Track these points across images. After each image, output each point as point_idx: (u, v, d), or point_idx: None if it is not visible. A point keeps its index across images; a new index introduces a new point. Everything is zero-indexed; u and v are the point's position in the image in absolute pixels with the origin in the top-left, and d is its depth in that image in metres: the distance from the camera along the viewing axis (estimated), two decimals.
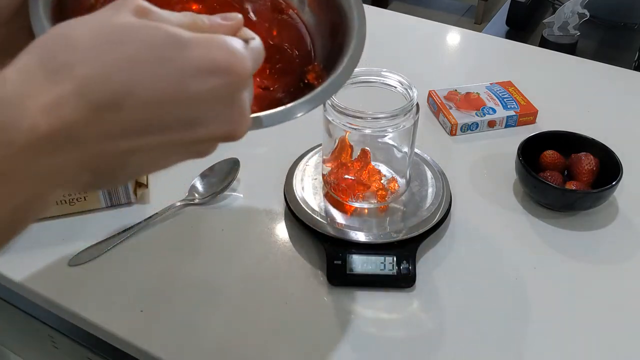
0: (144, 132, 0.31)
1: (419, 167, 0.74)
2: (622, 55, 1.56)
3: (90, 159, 0.30)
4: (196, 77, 0.30)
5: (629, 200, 0.74)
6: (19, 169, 0.28)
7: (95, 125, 0.29)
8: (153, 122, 0.30)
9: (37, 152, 0.28)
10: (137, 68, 0.29)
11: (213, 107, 0.32)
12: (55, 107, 0.28)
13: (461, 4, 3.34)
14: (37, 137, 0.28)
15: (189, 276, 0.64)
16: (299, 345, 0.58)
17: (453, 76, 0.99)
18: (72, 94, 0.28)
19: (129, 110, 0.29)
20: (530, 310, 0.61)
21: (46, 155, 0.28)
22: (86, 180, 0.32)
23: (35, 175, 0.29)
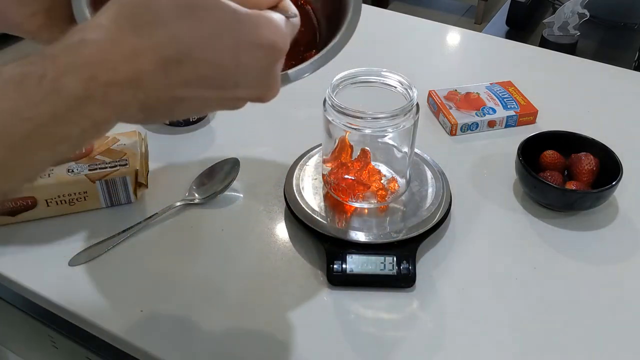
0: (196, 86, 0.37)
1: (419, 167, 0.74)
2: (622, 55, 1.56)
3: (149, 101, 0.37)
4: (246, 50, 0.38)
5: (629, 200, 0.74)
6: (98, 98, 0.34)
7: (160, 75, 0.36)
8: (205, 80, 0.37)
9: (113, 88, 0.34)
10: (202, 36, 0.36)
11: (254, 74, 0.39)
12: (133, 57, 0.35)
13: (461, 4, 3.34)
14: (115, 78, 0.34)
15: (189, 276, 0.64)
16: (299, 345, 0.58)
17: (453, 76, 0.99)
18: (148, 49, 0.35)
19: (188, 67, 0.36)
20: (530, 310, 0.61)
21: (118, 92, 0.35)
22: (139, 117, 0.38)
23: (107, 105, 0.35)
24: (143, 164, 0.73)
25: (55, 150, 0.35)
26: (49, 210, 0.69)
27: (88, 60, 0.34)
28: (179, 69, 0.36)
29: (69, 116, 0.34)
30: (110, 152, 0.72)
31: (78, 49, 0.34)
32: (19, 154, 0.33)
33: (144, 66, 0.35)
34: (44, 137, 0.34)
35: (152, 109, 0.38)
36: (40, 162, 0.35)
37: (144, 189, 0.72)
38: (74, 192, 0.68)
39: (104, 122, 0.36)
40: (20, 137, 0.33)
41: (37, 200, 0.68)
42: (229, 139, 0.83)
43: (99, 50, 0.34)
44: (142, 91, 0.36)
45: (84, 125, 0.35)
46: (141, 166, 0.71)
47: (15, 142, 0.33)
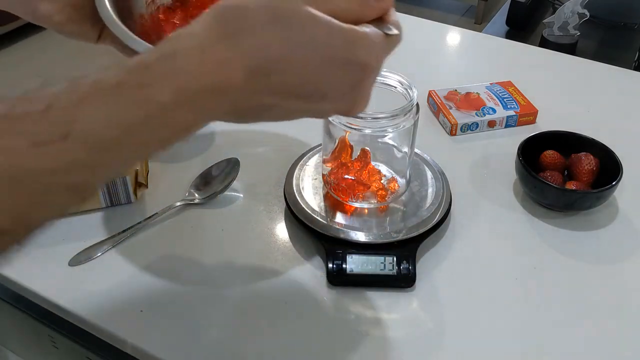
0: (283, 96, 0.38)
1: (419, 167, 0.74)
2: (622, 55, 1.56)
3: (237, 107, 0.38)
4: (336, 66, 0.38)
5: (629, 200, 0.74)
6: (187, 105, 0.35)
7: (248, 84, 0.36)
8: (292, 91, 0.38)
9: (202, 95, 0.35)
10: (292, 49, 0.36)
11: (343, 90, 0.39)
12: (222, 65, 0.36)
13: (461, 4, 3.34)
14: (204, 86, 0.35)
15: (189, 276, 0.64)
16: (299, 345, 0.58)
17: (453, 76, 0.99)
18: (237, 58, 0.36)
19: (276, 78, 0.37)
20: (530, 310, 0.61)
21: (207, 99, 0.36)
22: (229, 120, 0.39)
23: (196, 111, 0.36)
24: (143, 164, 0.73)
25: (143, 151, 0.37)
26: None
27: (179, 70, 0.35)
28: (267, 79, 0.37)
29: (159, 122, 0.35)
30: None
31: (170, 58, 0.35)
32: (108, 155, 0.35)
33: (232, 74, 0.36)
34: (133, 141, 0.35)
35: (239, 114, 0.39)
36: (127, 159, 0.37)
37: (144, 189, 0.72)
38: None
39: (192, 126, 0.38)
40: (110, 141, 0.34)
41: None
42: (229, 139, 0.83)
43: (189, 59, 0.35)
44: (230, 98, 0.37)
45: (173, 129, 0.36)
46: (141, 166, 0.71)
47: (105, 146, 0.34)
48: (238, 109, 0.38)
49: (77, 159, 0.33)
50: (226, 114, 0.38)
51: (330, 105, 0.40)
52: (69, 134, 0.33)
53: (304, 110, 0.40)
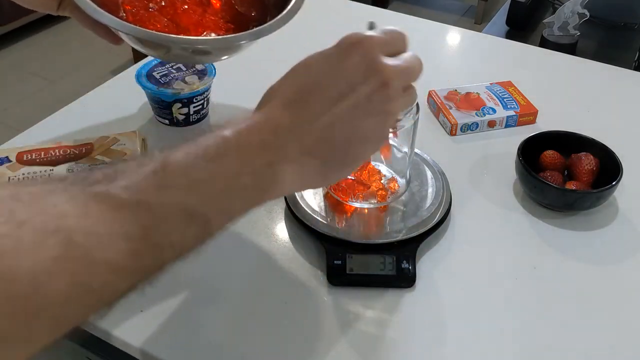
0: (327, 103, 0.43)
1: (419, 167, 0.74)
2: (622, 55, 1.56)
3: (302, 141, 0.42)
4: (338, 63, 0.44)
5: (629, 200, 0.74)
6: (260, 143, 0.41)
7: (289, 114, 0.42)
8: (324, 98, 0.43)
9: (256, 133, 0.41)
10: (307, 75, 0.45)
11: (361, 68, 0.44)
12: (267, 110, 0.43)
13: (461, 4, 3.34)
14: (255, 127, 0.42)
15: (189, 276, 0.64)
16: (299, 345, 0.58)
17: (453, 76, 0.99)
18: (275, 101, 0.44)
19: (305, 98, 0.43)
20: (530, 310, 0.61)
21: (262, 135, 0.41)
22: (314, 163, 0.43)
23: (261, 149, 0.41)
24: None
25: (244, 198, 0.42)
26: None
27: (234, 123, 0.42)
28: (300, 104, 0.43)
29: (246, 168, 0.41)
30: (110, 152, 0.72)
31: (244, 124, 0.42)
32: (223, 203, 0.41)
33: (275, 111, 0.43)
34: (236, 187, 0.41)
35: (315, 150, 0.43)
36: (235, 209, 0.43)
37: None
38: None
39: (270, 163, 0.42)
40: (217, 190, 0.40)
41: None
42: None
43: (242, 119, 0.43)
44: (285, 131, 0.42)
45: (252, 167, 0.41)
46: None
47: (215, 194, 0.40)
48: (309, 145, 0.43)
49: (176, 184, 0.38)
50: (302, 154, 0.43)
51: (363, 89, 0.43)
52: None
53: (356, 107, 0.43)
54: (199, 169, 0.38)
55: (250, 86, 0.93)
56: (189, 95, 0.81)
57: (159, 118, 0.85)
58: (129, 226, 0.35)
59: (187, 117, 0.84)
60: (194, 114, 0.84)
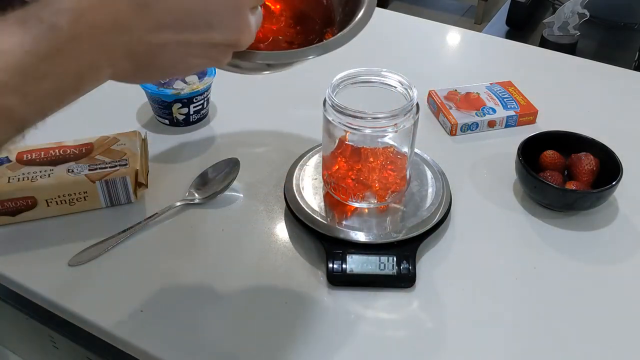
0: (171, 29, 0.41)
1: (419, 167, 0.74)
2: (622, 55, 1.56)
3: (133, 48, 0.40)
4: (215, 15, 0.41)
5: (629, 200, 0.74)
6: (86, 38, 0.38)
7: (136, 17, 0.39)
8: (178, 21, 0.41)
9: (97, 29, 0.38)
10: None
11: (224, 15, 0.42)
12: (110, 1, 0.39)
13: (461, 4, 3.34)
14: (97, 19, 0.38)
15: (189, 276, 0.64)
16: (299, 345, 0.58)
17: (453, 76, 0.99)
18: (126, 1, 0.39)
19: (158, 8, 0.40)
20: (530, 310, 0.61)
21: (102, 34, 0.38)
22: (129, 67, 0.41)
23: (96, 46, 0.38)
24: (143, 164, 0.73)
25: (59, 83, 0.39)
26: (49, 210, 0.69)
27: (72, 5, 0.38)
28: (151, 10, 0.40)
29: (65, 52, 0.37)
30: (110, 152, 0.72)
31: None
32: (30, 81, 0.37)
33: (120, 7, 0.39)
34: (49, 70, 0.37)
35: (137, 57, 0.41)
36: (50, 93, 0.39)
37: (144, 189, 0.72)
38: (74, 192, 0.68)
39: (97, 66, 0.40)
40: (30, 67, 0.36)
41: (37, 200, 0.68)
42: (229, 139, 0.83)
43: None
44: (124, 34, 0.39)
45: (80, 64, 0.39)
46: (141, 166, 0.71)
47: (25, 70, 0.36)
48: (134, 51, 0.40)
49: (6, 81, 0.36)
50: (125, 57, 0.40)
51: (219, 35, 0.43)
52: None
53: (196, 45, 0.42)
54: (30, 68, 0.36)
55: (249, 86, 0.93)
56: (189, 95, 0.81)
57: (159, 118, 0.85)
58: None
59: (187, 117, 0.84)
60: (194, 114, 0.84)
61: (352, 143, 0.67)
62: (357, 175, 0.67)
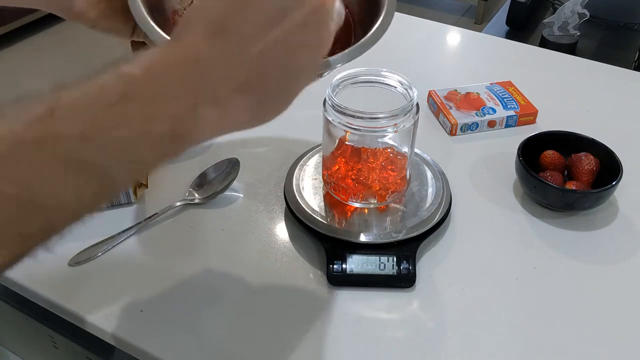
0: (255, 31, 0.37)
1: (419, 167, 0.74)
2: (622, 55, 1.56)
3: (230, 78, 0.37)
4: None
5: (629, 200, 0.74)
6: (163, 76, 0.35)
7: (215, 48, 0.36)
8: (256, 24, 0.37)
9: (175, 67, 0.35)
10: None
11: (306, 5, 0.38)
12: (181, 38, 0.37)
13: (461, 4, 3.33)
14: (173, 59, 0.36)
15: (189, 276, 0.64)
16: (299, 345, 0.58)
17: (453, 76, 0.99)
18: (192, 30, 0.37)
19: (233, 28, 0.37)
20: (531, 310, 0.61)
21: (184, 71, 0.35)
22: (247, 103, 0.38)
23: (180, 85, 0.35)
24: None
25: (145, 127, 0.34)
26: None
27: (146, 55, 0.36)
28: (229, 33, 0.37)
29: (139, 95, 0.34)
30: None
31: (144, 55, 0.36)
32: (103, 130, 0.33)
33: (195, 41, 0.36)
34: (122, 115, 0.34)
35: (246, 87, 0.37)
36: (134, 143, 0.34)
37: (144, 189, 0.72)
38: None
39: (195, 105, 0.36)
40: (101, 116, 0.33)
41: None
42: (229, 139, 0.83)
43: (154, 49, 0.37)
44: (211, 68, 0.36)
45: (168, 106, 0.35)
46: None
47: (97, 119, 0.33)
48: (239, 83, 0.37)
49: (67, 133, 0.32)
50: (232, 92, 0.37)
51: (300, 9, 0.38)
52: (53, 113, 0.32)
53: (292, 33, 0.38)
54: (97, 113, 0.33)
55: None
56: None
57: None
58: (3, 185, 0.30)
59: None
60: None
61: (352, 143, 0.67)
62: (357, 175, 0.67)
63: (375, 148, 0.68)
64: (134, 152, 0.34)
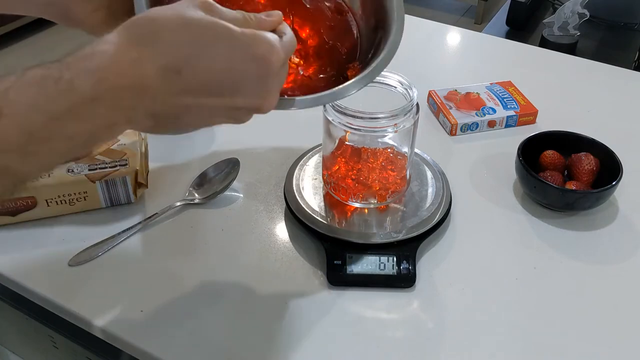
0: (197, 94, 0.41)
1: (419, 167, 0.74)
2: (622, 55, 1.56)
3: (156, 108, 0.40)
4: (240, 61, 0.41)
5: (629, 200, 0.74)
6: (107, 101, 0.38)
7: (162, 82, 0.39)
8: (204, 87, 0.41)
9: (120, 92, 0.38)
10: (198, 48, 0.40)
11: (249, 84, 0.43)
12: (137, 64, 0.39)
13: (461, 4, 3.34)
14: (121, 82, 0.38)
15: (189, 276, 0.64)
16: (299, 345, 0.58)
17: (453, 76, 0.99)
18: (150, 57, 0.39)
19: (187, 75, 0.40)
20: (531, 310, 0.61)
21: (125, 97, 0.38)
22: (149, 124, 0.42)
23: (116, 108, 0.39)
24: (143, 164, 0.73)
25: (69, 144, 0.38)
26: (49, 210, 0.69)
27: (98, 66, 0.38)
28: (180, 77, 0.40)
29: (81, 113, 0.37)
30: (110, 152, 0.72)
31: (90, 57, 0.38)
32: (36, 141, 0.37)
33: (147, 72, 0.39)
34: (59, 130, 0.37)
35: (159, 116, 0.41)
36: (56, 153, 0.38)
37: (144, 189, 0.72)
38: (74, 192, 0.68)
39: (114, 125, 0.40)
40: (38, 125, 0.36)
41: (37, 200, 0.68)
42: (229, 139, 0.83)
43: (107, 58, 0.38)
44: (148, 97, 0.39)
45: (95, 124, 0.38)
46: (141, 166, 0.71)
47: (33, 130, 0.36)
48: (156, 112, 0.41)
49: (7, 140, 0.36)
50: (146, 117, 0.41)
51: (242, 101, 0.43)
52: (1, 115, 0.35)
53: (220, 110, 0.43)
54: (38, 128, 0.36)
55: None
56: None
57: None
58: None
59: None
60: None
61: (352, 143, 0.67)
62: (357, 175, 0.67)
63: (375, 148, 0.68)
64: (50, 159, 0.39)
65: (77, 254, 0.65)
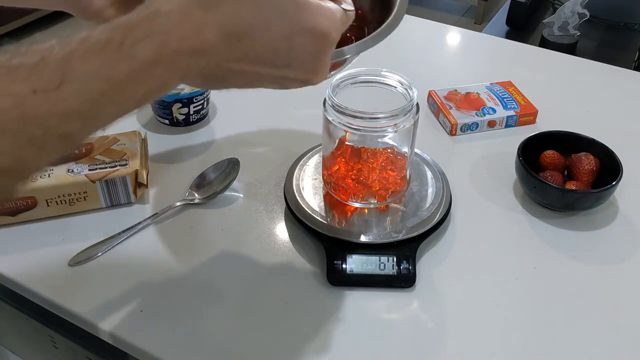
0: (251, 62, 0.41)
1: (419, 167, 0.74)
2: (622, 55, 1.56)
3: (209, 69, 0.41)
4: (299, 34, 0.41)
5: (629, 200, 0.74)
6: (166, 63, 0.38)
7: (222, 48, 0.39)
8: (260, 57, 0.41)
9: (180, 55, 0.38)
10: (262, 17, 0.40)
11: (304, 58, 0.42)
12: (199, 29, 0.38)
13: (461, 4, 3.34)
14: (182, 46, 0.38)
15: (189, 276, 0.64)
16: (299, 345, 0.58)
17: (453, 76, 0.99)
18: (213, 23, 0.39)
19: (246, 44, 0.40)
20: (531, 310, 0.61)
21: (184, 59, 0.39)
22: (197, 82, 0.43)
23: (173, 70, 0.39)
24: (143, 164, 0.73)
25: (124, 106, 0.39)
26: (49, 210, 0.69)
27: (160, 30, 0.38)
28: (238, 44, 0.40)
29: (140, 77, 0.38)
30: (110, 152, 0.72)
31: (152, 18, 0.38)
32: (96, 107, 0.37)
33: (208, 37, 0.39)
34: (117, 95, 0.38)
35: (209, 76, 0.42)
36: (111, 114, 0.39)
37: (144, 189, 0.72)
38: (74, 192, 0.68)
39: (169, 84, 0.40)
40: (98, 93, 0.37)
41: (37, 200, 0.68)
42: (229, 139, 0.83)
43: (169, 20, 0.38)
44: (204, 60, 0.40)
45: (152, 85, 0.39)
46: (141, 166, 0.71)
47: (94, 97, 0.37)
48: (208, 73, 0.41)
49: (70, 107, 0.36)
50: (197, 75, 0.41)
51: (294, 73, 0.43)
52: (62, 83, 0.36)
53: (269, 77, 0.43)
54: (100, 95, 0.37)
55: None
56: (189, 95, 0.81)
57: (159, 118, 0.85)
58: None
59: (187, 117, 0.84)
60: (194, 114, 0.84)
61: (352, 143, 0.67)
62: (357, 175, 0.67)
63: (375, 148, 0.68)
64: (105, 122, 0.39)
65: (77, 254, 0.65)
